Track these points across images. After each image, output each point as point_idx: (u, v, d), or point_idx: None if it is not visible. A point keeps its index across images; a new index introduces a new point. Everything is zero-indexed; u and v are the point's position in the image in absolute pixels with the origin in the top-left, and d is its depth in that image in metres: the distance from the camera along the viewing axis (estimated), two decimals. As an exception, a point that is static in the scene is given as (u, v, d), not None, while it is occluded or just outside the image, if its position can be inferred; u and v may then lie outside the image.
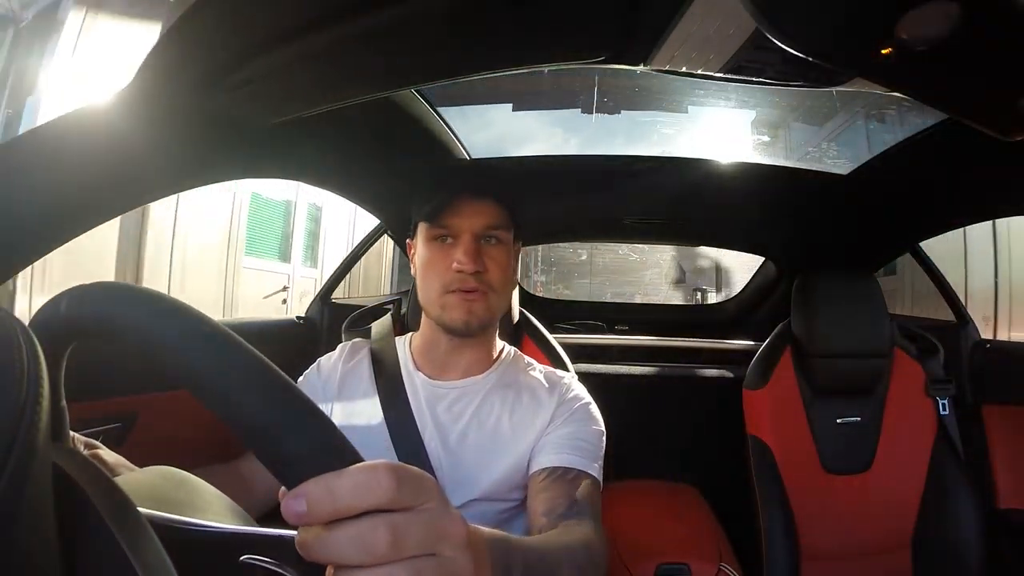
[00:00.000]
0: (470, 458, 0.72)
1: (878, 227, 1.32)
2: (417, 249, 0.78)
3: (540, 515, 0.62)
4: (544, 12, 0.51)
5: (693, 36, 0.55)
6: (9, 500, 0.20)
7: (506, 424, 0.74)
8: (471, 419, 0.74)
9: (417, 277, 0.78)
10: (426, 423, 0.74)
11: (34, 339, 0.24)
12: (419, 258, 0.77)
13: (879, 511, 1.13)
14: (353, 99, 0.68)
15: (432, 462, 0.72)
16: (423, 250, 0.76)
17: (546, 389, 0.77)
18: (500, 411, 0.75)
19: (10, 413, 0.21)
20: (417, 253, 0.78)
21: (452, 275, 0.72)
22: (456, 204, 0.73)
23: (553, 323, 1.62)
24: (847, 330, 1.14)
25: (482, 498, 0.71)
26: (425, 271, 0.75)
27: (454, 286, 0.72)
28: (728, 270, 5.58)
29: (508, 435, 0.73)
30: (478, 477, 0.71)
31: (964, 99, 0.41)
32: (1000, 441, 1.20)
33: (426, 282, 0.75)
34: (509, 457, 0.72)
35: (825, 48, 0.36)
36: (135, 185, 0.67)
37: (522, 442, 0.72)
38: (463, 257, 0.71)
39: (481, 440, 0.73)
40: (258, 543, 0.32)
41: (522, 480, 0.72)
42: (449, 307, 0.73)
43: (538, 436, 0.73)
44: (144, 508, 0.29)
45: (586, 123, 1.50)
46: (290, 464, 0.25)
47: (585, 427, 0.74)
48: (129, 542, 0.25)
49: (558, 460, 0.68)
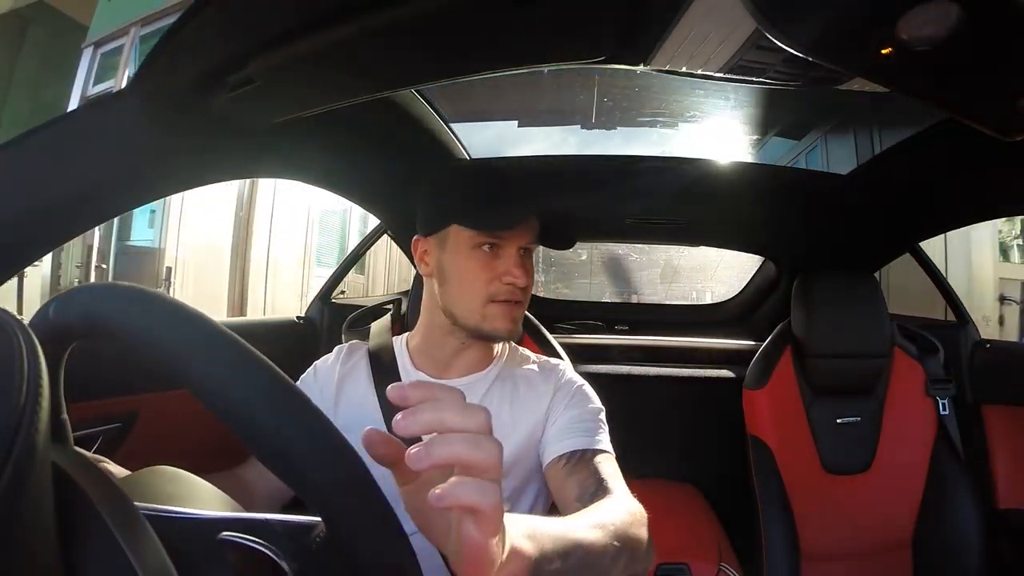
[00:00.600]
0: None
1: (878, 227, 1.32)
2: (449, 254, 0.74)
3: (574, 501, 0.63)
4: (544, 12, 0.51)
5: (693, 36, 0.54)
6: (9, 500, 0.20)
7: (506, 414, 0.75)
8: None
9: (448, 283, 0.74)
10: None
11: (34, 339, 0.24)
12: (454, 264, 0.74)
13: (879, 511, 1.13)
14: (353, 99, 0.68)
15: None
16: (462, 258, 0.73)
17: (542, 377, 0.79)
18: (500, 403, 0.76)
19: (10, 413, 0.21)
20: (450, 258, 0.74)
21: (500, 287, 0.72)
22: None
23: (553, 323, 1.62)
24: (847, 330, 1.14)
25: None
26: (465, 279, 0.73)
27: (502, 297, 0.72)
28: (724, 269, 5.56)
29: (509, 424, 0.74)
30: None
31: (964, 99, 0.41)
32: (1000, 441, 1.19)
33: (466, 290, 0.73)
34: (509, 444, 0.72)
35: (825, 48, 0.36)
36: (135, 185, 0.67)
37: (522, 429, 0.74)
38: (518, 271, 0.72)
39: None
40: (243, 526, 0.32)
41: (523, 467, 0.74)
42: (492, 317, 0.73)
43: (538, 422, 0.74)
44: (136, 503, 0.29)
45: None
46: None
47: (585, 408, 0.75)
48: (129, 542, 0.25)
49: (572, 445, 0.69)
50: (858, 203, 1.22)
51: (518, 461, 0.73)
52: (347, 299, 1.61)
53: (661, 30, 0.54)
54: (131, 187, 0.66)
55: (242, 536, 0.31)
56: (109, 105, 0.60)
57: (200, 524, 0.32)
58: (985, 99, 0.40)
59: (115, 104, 0.60)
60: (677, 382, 1.60)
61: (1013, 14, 0.30)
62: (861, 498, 1.14)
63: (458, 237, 0.73)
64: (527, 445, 0.74)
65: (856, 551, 1.13)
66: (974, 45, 0.33)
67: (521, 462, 0.74)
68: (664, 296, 2.79)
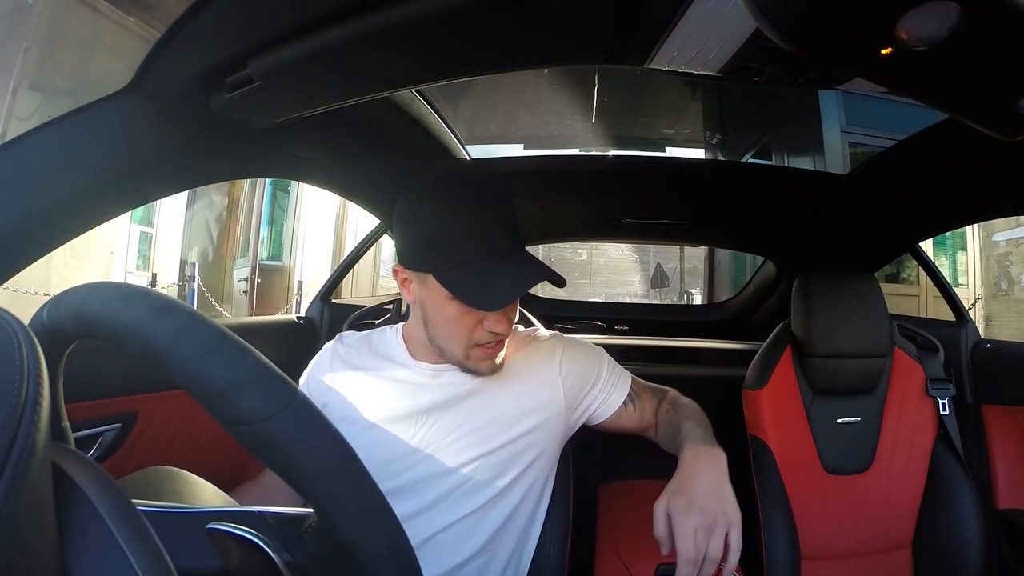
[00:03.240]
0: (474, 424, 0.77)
1: (878, 227, 1.32)
2: (431, 295, 0.70)
3: (652, 414, 0.86)
4: (544, 12, 0.51)
5: (693, 36, 0.54)
6: (9, 500, 0.20)
7: (515, 400, 0.78)
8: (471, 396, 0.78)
9: (430, 322, 0.73)
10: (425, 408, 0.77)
11: (34, 339, 0.24)
12: (434, 308, 0.71)
13: (879, 511, 1.13)
14: (353, 99, 0.68)
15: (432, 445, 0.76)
16: (442, 304, 0.69)
17: (541, 357, 0.82)
18: (506, 389, 0.79)
19: (10, 413, 0.21)
20: (431, 300, 0.71)
21: (483, 334, 0.71)
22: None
23: (552, 323, 1.62)
24: (847, 330, 1.14)
25: (487, 453, 0.76)
26: (447, 325, 0.71)
27: (483, 341, 0.72)
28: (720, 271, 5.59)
29: (516, 411, 0.78)
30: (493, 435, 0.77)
31: (964, 99, 0.41)
32: (1000, 441, 1.19)
33: (447, 335, 0.72)
34: (521, 425, 0.78)
35: (825, 48, 0.36)
36: (135, 185, 0.67)
37: (533, 414, 0.78)
38: (503, 325, 0.71)
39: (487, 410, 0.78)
40: (235, 519, 0.32)
41: (538, 444, 0.79)
42: (475, 358, 0.73)
43: (553, 398, 0.80)
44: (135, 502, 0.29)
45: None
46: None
47: (595, 367, 0.84)
48: (128, 541, 0.25)
49: (617, 401, 0.84)
50: (858, 203, 1.21)
51: (534, 430, 0.78)
52: (346, 299, 1.61)
53: (661, 30, 0.54)
54: (131, 187, 0.66)
55: (233, 526, 0.31)
56: (109, 105, 0.60)
57: (193, 518, 0.32)
58: (985, 99, 0.40)
59: (115, 104, 0.60)
60: (677, 382, 1.60)
61: (1013, 14, 0.30)
62: (861, 498, 1.14)
63: (436, 285, 0.68)
64: (541, 420, 0.79)
65: (856, 551, 1.13)
66: (974, 45, 0.33)
67: (535, 431, 0.78)
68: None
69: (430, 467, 0.75)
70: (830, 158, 3.57)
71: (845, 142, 3.69)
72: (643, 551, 0.86)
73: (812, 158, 3.61)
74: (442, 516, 0.74)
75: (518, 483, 0.78)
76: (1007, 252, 5.75)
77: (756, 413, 1.18)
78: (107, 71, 3.45)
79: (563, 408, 0.81)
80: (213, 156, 0.75)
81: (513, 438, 0.77)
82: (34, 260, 0.58)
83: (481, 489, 0.75)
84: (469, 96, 2.03)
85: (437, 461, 0.75)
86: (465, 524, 0.74)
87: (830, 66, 0.56)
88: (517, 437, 0.77)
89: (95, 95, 0.57)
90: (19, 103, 3.40)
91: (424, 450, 0.75)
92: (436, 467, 0.75)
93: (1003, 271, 5.78)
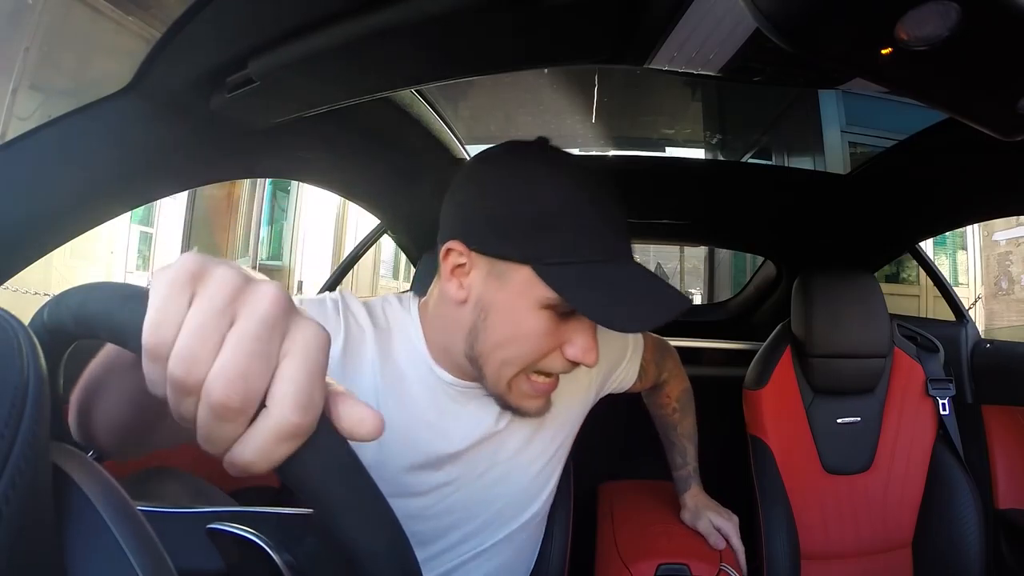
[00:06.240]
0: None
1: (878, 227, 1.32)
2: (506, 296, 0.53)
3: (652, 380, 0.92)
4: (544, 12, 0.51)
5: (693, 36, 0.55)
6: (9, 500, 0.20)
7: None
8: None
9: (488, 330, 0.55)
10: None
11: (34, 339, 0.24)
12: (507, 314, 0.53)
13: (879, 511, 1.13)
14: (353, 99, 0.68)
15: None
16: (528, 315, 0.53)
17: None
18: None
19: (10, 413, 0.21)
20: (505, 302, 0.53)
21: (558, 362, 0.55)
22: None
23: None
24: (847, 330, 1.14)
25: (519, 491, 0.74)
26: (514, 342, 0.54)
27: (552, 370, 0.56)
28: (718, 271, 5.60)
29: (553, 416, 0.71)
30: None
31: (964, 99, 0.41)
32: (1000, 441, 1.19)
33: (510, 351, 0.54)
34: (560, 430, 0.75)
35: (825, 48, 0.36)
36: (135, 185, 0.67)
37: (570, 413, 0.75)
38: (589, 358, 0.54)
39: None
40: (235, 519, 0.32)
41: (567, 439, 0.77)
42: (522, 393, 0.57)
43: (587, 399, 0.78)
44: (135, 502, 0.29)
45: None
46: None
47: (622, 350, 0.81)
48: (129, 542, 0.25)
49: (632, 377, 0.84)
50: (858, 203, 1.22)
51: (563, 444, 0.76)
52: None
53: (661, 30, 0.54)
54: (131, 187, 0.66)
55: (233, 526, 0.31)
56: (109, 105, 0.59)
57: (193, 518, 0.32)
58: (985, 99, 0.40)
59: (115, 104, 0.60)
60: None
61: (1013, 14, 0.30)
62: (861, 498, 1.14)
63: (529, 284, 0.51)
64: (571, 431, 0.77)
65: (856, 551, 1.13)
66: (974, 45, 0.33)
67: (564, 446, 0.76)
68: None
69: (451, 519, 0.66)
70: (830, 158, 3.58)
71: (845, 142, 3.70)
72: (643, 551, 0.87)
73: (812, 158, 3.62)
74: (463, 552, 0.68)
75: (544, 506, 0.76)
76: (1007, 251, 5.75)
77: (756, 413, 1.18)
78: (107, 71, 3.45)
79: (591, 403, 0.79)
80: (213, 156, 0.75)
81: (544, 468, 0.72)
82: (34, 260, 0.58)
83: (507, 522, 0.71)
84: (469, 96, 2.03)
85: (461, 511, 0.66)
86: (487, 553, 0.70)
87: (830, 66, 0.56)
88: (547, 465, 0.72)
89: (95, 95, 0.57)
90: (19, 103, 3.40)
91: (444, 501, 0.64)
92: (458, 517, 0.66)
93: (1003, 270, 5.78)
